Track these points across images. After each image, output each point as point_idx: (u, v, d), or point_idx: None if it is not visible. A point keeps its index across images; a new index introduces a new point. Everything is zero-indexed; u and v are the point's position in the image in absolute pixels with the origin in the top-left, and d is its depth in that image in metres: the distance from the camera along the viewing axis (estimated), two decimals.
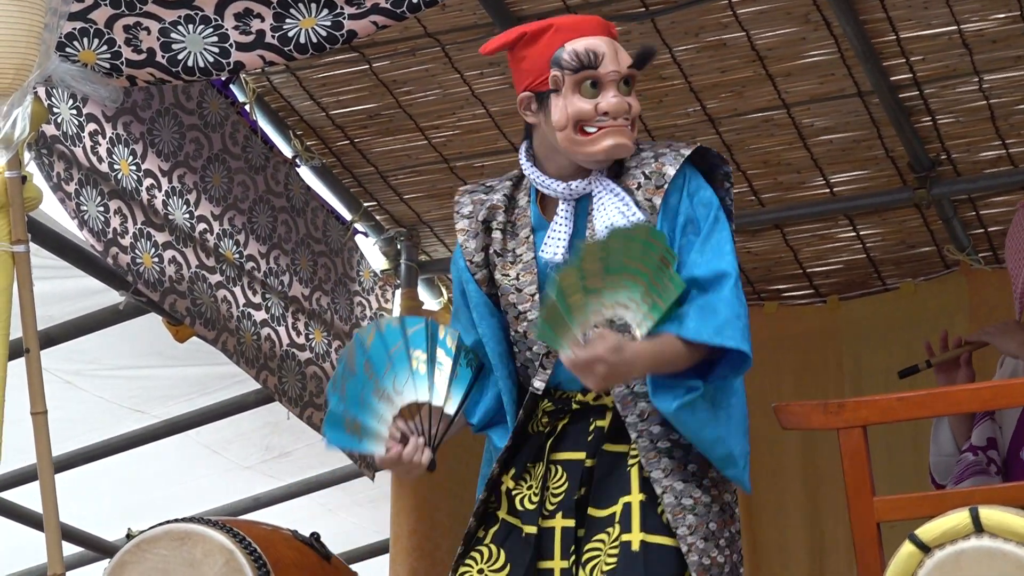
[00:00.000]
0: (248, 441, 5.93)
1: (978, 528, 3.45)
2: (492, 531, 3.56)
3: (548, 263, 3.47)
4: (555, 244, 3.47)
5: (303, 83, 5.72)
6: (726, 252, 3.43)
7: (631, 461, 3.47)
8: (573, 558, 3.45)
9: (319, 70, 5.66)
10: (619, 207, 3.46)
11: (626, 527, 3.42)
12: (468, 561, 3.54)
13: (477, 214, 3.61)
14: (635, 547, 3.39)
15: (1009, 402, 4.30)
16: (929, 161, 5.93)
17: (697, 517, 3.45)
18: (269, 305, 5.45)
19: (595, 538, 3.44)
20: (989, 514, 3.44)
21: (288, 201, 5.45)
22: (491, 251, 3.58)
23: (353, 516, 7.05)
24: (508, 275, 3.56)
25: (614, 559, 3.39)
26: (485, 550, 3.54)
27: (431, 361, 3.50)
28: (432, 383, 3.49)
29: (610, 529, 3.44)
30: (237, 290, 5.16)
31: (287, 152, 5.76)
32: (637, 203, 3.45)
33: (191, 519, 4.04)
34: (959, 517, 3.45)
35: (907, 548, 3.48)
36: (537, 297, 3.49)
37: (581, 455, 3.51)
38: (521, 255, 3.55)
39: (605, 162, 3.48)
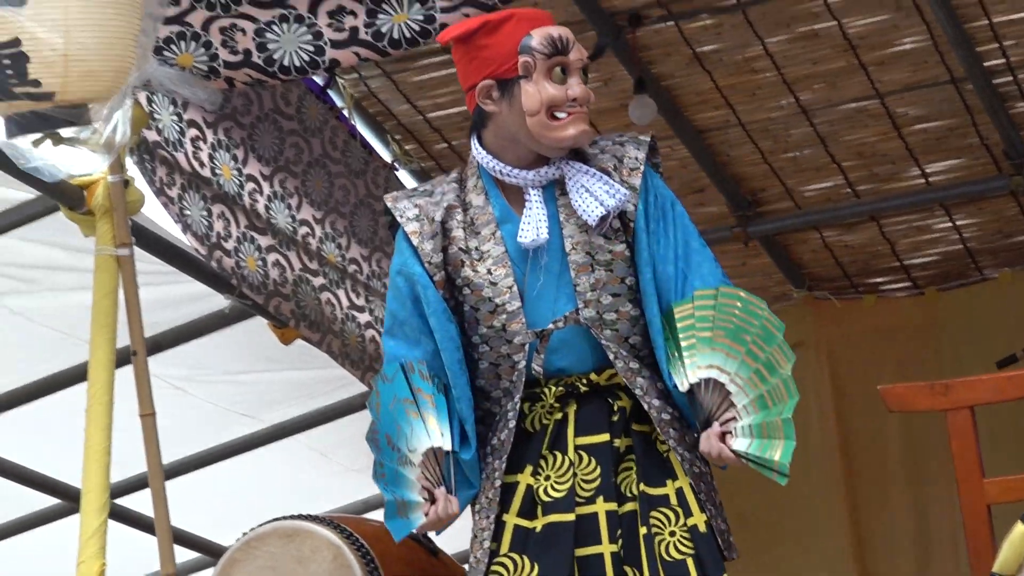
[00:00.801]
0: (356, 444, 5.83)
1: None
2: (506, 540, 3.45)
3: (528, 247, 3.39)
4: (534, 228, 3.39)
5: (400, 87, 5.72)
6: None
7: (662, 447, 3.43)
8: (621, 541, 3.38)
9: (415, 73, 5.65)
10: (602, 185, 3.39)
11: (687, 511, 3.39)
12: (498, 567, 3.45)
13: (430, 215, 3.52)
14: (703, 529, 3.37)
15: None
16: (1021, 149, 5.82)
17: (712, 490, 3.44)
18: (372, 307, 5.40)
19: (653, 516, 3.37)
20: None
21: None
22: (451, 251, 3.50)
23: (464, 519, 6.97)
24: (478, 271, 3.48)
25: (690, 543, 3.36)
26: (508, 562, 3.44)
27: (416, 403, 3.42)
28: (426, 425, 3.41)
29: (667, 510, 3.39)
30: (340, 293, 5.15)
31: (386, 156, 5.73)
32: (618, 184, 3.38)
33: (299, 516, 4.00)
34: None
35: (1020, 529, 3.38)
36: (515, 288, 3.43)
37: (606, 437, 3.43)
38: (488, 250, 3.47)
39: (567, 149, 3.40)
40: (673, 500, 3.39)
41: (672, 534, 3.37)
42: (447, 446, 3.39)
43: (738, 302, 3.37)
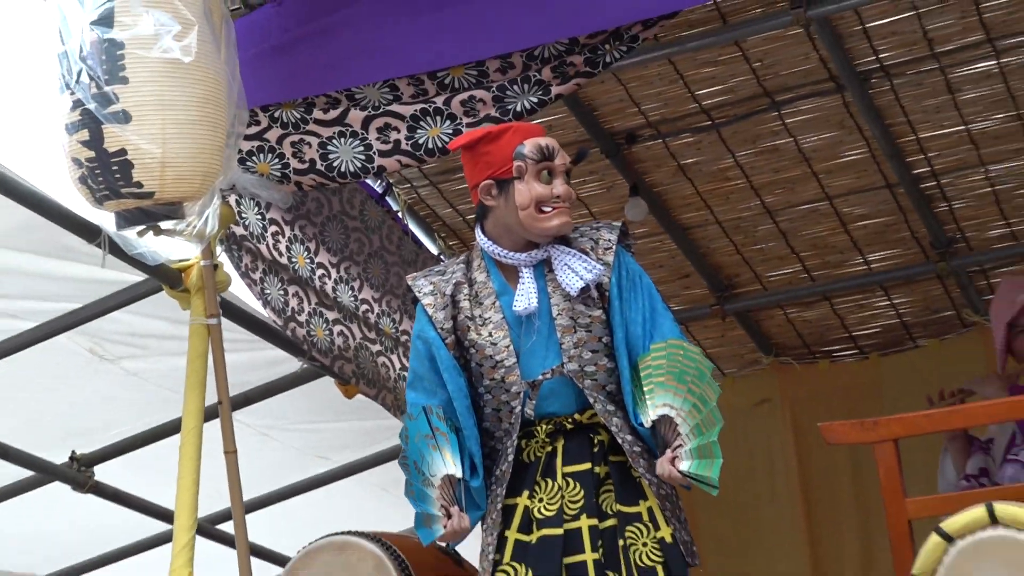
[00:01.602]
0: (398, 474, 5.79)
1: (993, 520, 3.33)
2: (507, 552, 3.46)
3: (522, 314, 3.45)
4: (526, 298, 3.44)
5: (444, 194, 5.68)
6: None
7: (634, 473, 3.46)
8: (601, 551, 3.39)
9: (456, 183, 5.57)
10: (581, 263, 3.46)
11: (656, 525, 3.43)
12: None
13: (442, 290, 3.58)
14: (669, 540, 3.42)
15: (1015, 415, 4.19)
16: (947, 240, 5.74)
17: (677, 508, 3.50)
18: None
19: (628, 529, 3.40)
20: (1003, 508, 3.33)
21: None
22: (459, 319, 3.54)
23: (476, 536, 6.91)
24: (481, 334, 3.52)
25: (659, 551, 3.40)
26: (509, 569, 3.45)
27: (435, 439, 3.45)
28: (443, 457, 3.45)
29: (640, 525, 3.43)
30: (394, 357, 5.07)
31: (433, 249, 5.67)
32: (595, 262, 3.47)
33: (349, 532, 3.99)
34: (978, 511, 3.34)
35: (934, 539, 3.38)
36: (511, 347, 3.49)
37: (588, 466, 3.46)
38: (489, 317, 3.52)
39: (553, 236, 3.48)
40: (645, 517, 3.43)
41: (644, 544, 3.42)
42: (458, 474, 3.42)
43: (681, 350, 3.45)
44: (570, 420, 3.50)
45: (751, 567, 5.71)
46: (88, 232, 4.00)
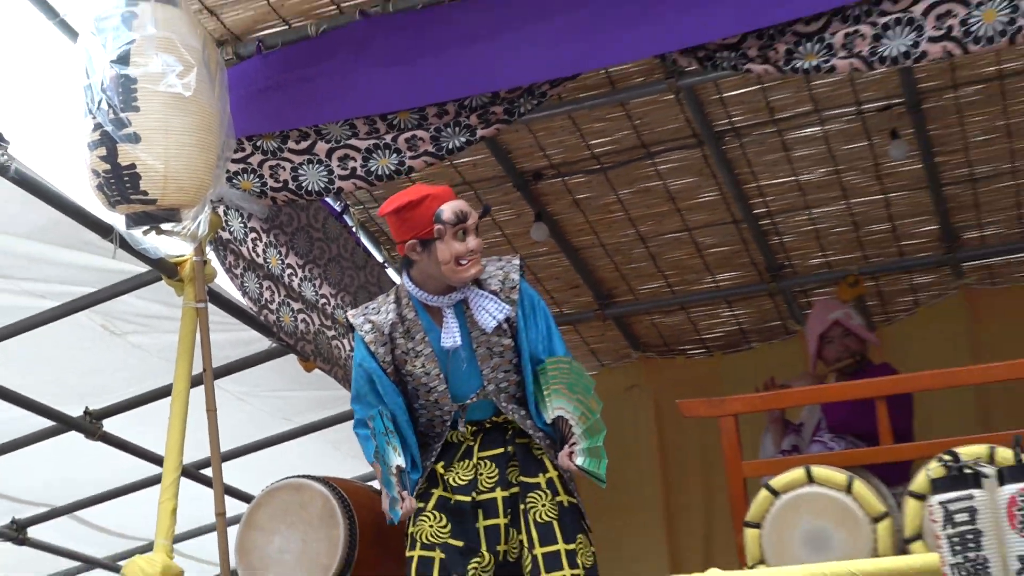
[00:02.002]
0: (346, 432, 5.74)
1: (810, 480, 3.38)
2: (431, 503, 3.50)
3: (449, 348, 3.48)
4: (451, 335, 3.47)
5: None
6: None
7: (536, 452, 3.50)
8: (511, 515, 3.45)
9: None
10: (494, 303, 3.49)
11: (555, 492, 3.44)
12: (419, 522, 3.48)
13: (381, 329, 3.58)
14: (566, 504, 3.43)
15: (824, 398, 4.31)
16: (777, 266, 5.78)
17: (572, 480, 3.51)
18: None
19: (529, 495, 3.43)
20: (817, 470, 3.38)
21: (380, 288, 5.24)
22: (396, 353, 3.55)
23: None
24: (416, 365, 3.55)
25: (555, 510, 3.41)
26: (430, 515, 3.47)
27: (387, 436, 3.48)
28: (394, 452, 3.47)
29: (541, 492, 3.44)
30: (345, 341, 4.97)
31: (379, 257, 5.58)
32: (503, 300, 3.51)
33: (303, 476, 3.92)
34: (798, 472, 3.40)
35: (763, 493, 3.43)
36: (441, 376, 3.53)
37: (501, 450, 3.51)
38: (421, 350, 3.54)
39: (469, 282, 3.47)
40: (544, 486, 3.46)
41: (543, 506, 3.41)
42: (403, 465, 3.46)
43: (569, 366, 3.52)
44: (488, 422, 3.55)
45: (619, 522, 5.68)
46: (103, 229, 3.95)
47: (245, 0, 4.16)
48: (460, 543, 3.44)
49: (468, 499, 3.49)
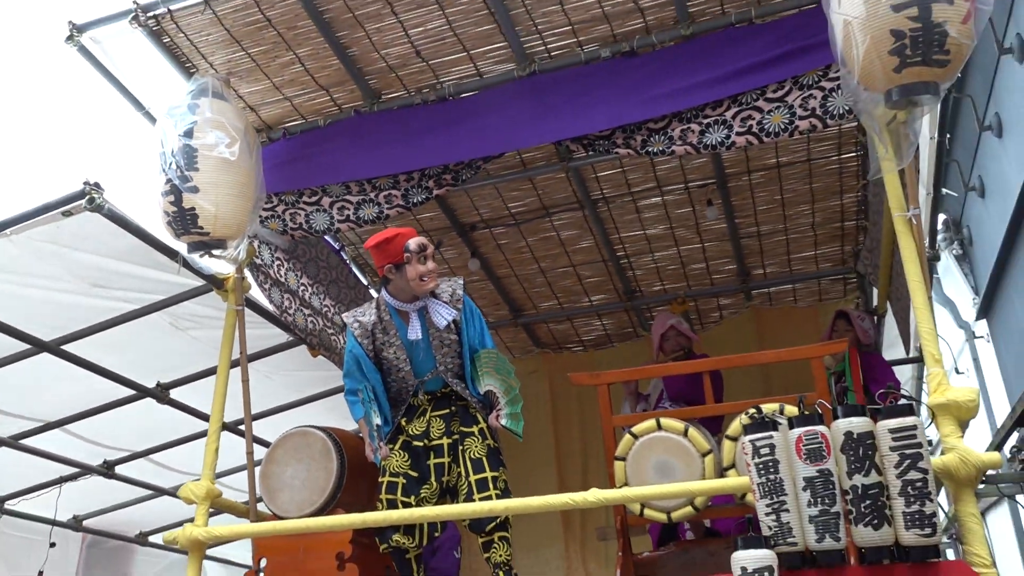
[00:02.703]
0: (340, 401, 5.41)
1: (659, 427, 3.26)
2: (397, 446, 3.37)
3: (413, 340, 3.37)
4: (415, 331, 3.36)
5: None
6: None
7: (472, 411, 3.37)
8: (452, 456, 3.35)
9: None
10: (445, 308, 3.37)
11: (484, 438, 3.32)
12: (388, 458, 3.35)
13: (366, 328, 3.43)
14: (492, 446, 3.32)
15: (666, 373, 4.12)
16: (631, 291, 5.59)
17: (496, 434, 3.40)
18: None
19: (466, 439, 3.33)
20: (664, 420, 3.30)
21: (363, 301, 4.99)
22: (376, 344, 3.42)
23: None
24: (390, 352, 3.41)
25: (484, 450, 3.29)
26: (396, 453, 3.35)
27: (371, 403, 3.36)
28: (375, 414, 3.34)
29: (474, 438, 3.32)
30: (340, 337, 4.74)
31: (364, 281, 5.26)
32: (451, 308, 3.39)
33: (310, 426, 3.75)
34: (651, 422, 3.31)
35: (627, 437, 3.35)
36: (407, 359, 3.39)
37: (447, 410, 3.41)
38: (393, 341, 3.39)
39: (428, 293, 3.35)
40: (476, 434, 3.28)
41: (476, 447, 3.24)
42: (380, 424, 3.33)
43: (495, 355, 3.39)
44: (439, 392, 3.40)
45: (523, 464, 5.34)
46: (171, 253, 3.67)
47: (275, 102, 4.03)
48: (416, 473, 3.30)
49: (422, 444, 3.35)
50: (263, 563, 3.43)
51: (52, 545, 5.74)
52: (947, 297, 6.59)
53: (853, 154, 4.38)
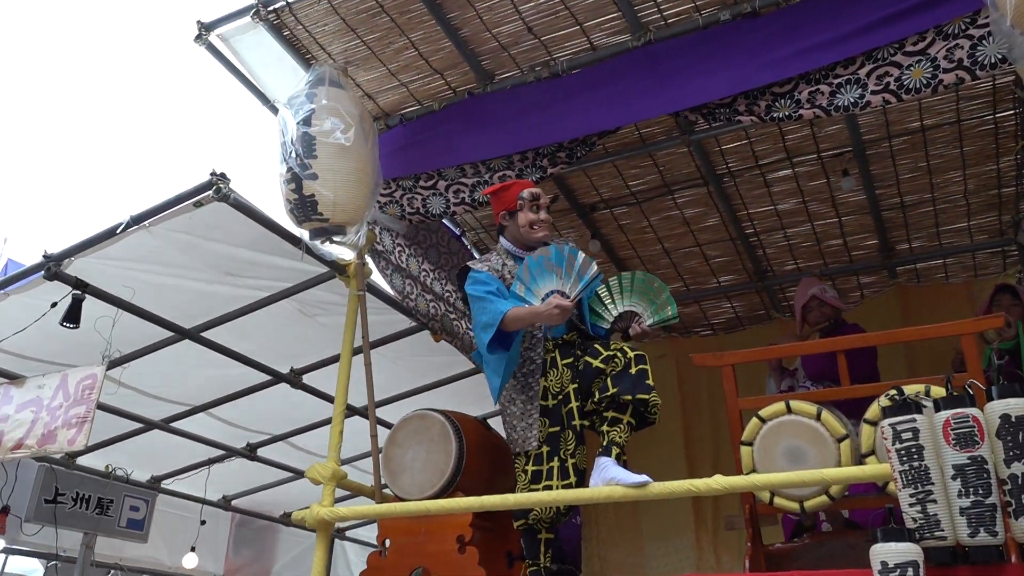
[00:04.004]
0: (470, 388, 5.38)
1: (789, 410, 3.01)
2: (538, 414, 3.16)
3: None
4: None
5: (490, 236, 5.24)
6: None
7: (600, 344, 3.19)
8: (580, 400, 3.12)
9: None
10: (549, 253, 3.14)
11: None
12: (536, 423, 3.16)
13: (495, 267, 3.27)
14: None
15: (797, 352, 3.88)
16: (762, 271, 5.33)
17: None
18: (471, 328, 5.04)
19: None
20: (794, 403, 3.03)
21: None
22: (504, 278, 3.23)
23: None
24: (512, 286, 3.18)
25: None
26: (540, 422, 3.14)
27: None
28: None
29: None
30: (463, 322, 4.72)
31: None
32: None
33: (428, 409, 3.70)
34: (780, 405, 3.06)
35: (754, 420, 3.08)
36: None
37: (573, 357, 3.18)
38: (512, 278, 3.22)
39: (540, 242, 3.25)
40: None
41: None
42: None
43: (630, 275, 3.24)
44: (562, 339, 3.23)
45: (651, 452, 5.24)
46: (295, 240, 3.74)
47: (392, 88, 4.03)
48: (556, 428, 3.14)
49: (559, 400, 3.17)
50: (387, 543, 3.46)
51: (203, 523, 6.08)
52: None
53: (1010, 111, 3.95)
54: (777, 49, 3.20)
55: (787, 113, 3.20)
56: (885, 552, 2.19)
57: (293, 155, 3.43)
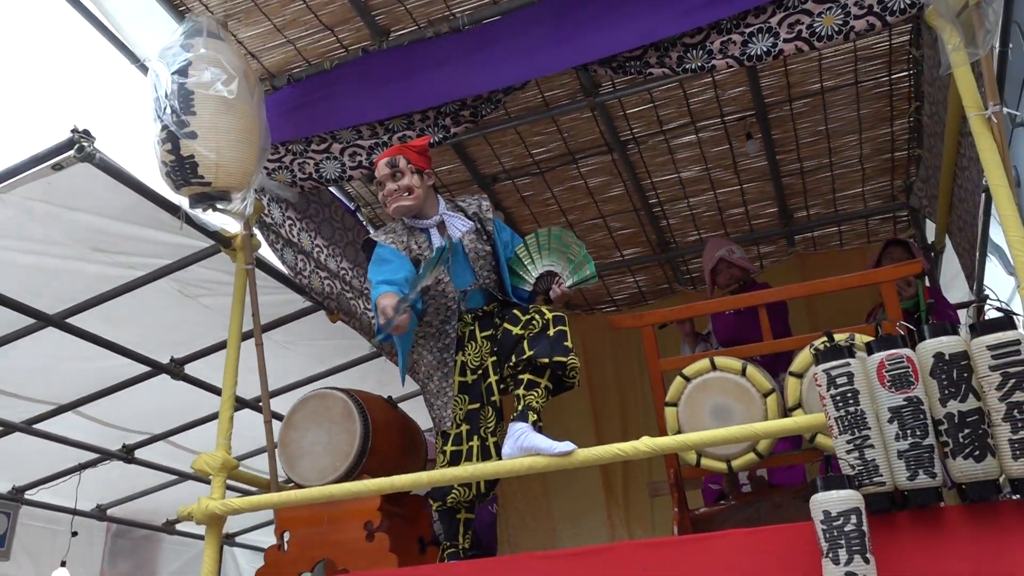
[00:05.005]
0: (372, 373, 5.11)
1: (713, 367, 2.92)
2: (455, 389, 2.95)
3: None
4: (439, 243, 3.02)
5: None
6: None
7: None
8: (499, 373, 2.94)
9: None
10: (460, 221, 3.11)
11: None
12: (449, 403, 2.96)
13: (400, 236, 3.07)
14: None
15: (715, 308, 3.59)
16: (665, 242, 5.27)
17: None
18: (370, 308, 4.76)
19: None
20: (720, 360, 2.96)
21: None
22: (412, 255, 3.01)
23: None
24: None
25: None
26: (459, 399, 2.94)
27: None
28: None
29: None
30: (360, 302, 4.46)
31: None
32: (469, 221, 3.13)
33: (329, 388, 3.43)
34: (705, 362, 2.96)
35: (678, 380, 2.99)
36: (445, 272, 2.96)
37: (491, 332, 2.97)
38: (426, 254, 3.00)
39: (403, 213, 3.10)
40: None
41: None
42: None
43: (545, 233, 3.07)
44: (481, 311, 3.01)
45: (560, 423, 5.08)
46: (172, 208, 3.36)
47: (277, 46, 3.75)
48: (476, 405, 2.94)
49: (477, 375, 2.96)
50: (287, 537, 3.17)
51: (74, 534, 5.54)
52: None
53: (905, 72, 4.02)
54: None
55: (699, 64, 3.12)
56: (827, 500, 2.10)
57: (168, 111, 3.10)
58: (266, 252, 3.91)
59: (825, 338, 2.37)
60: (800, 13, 2.99)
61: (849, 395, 2.21)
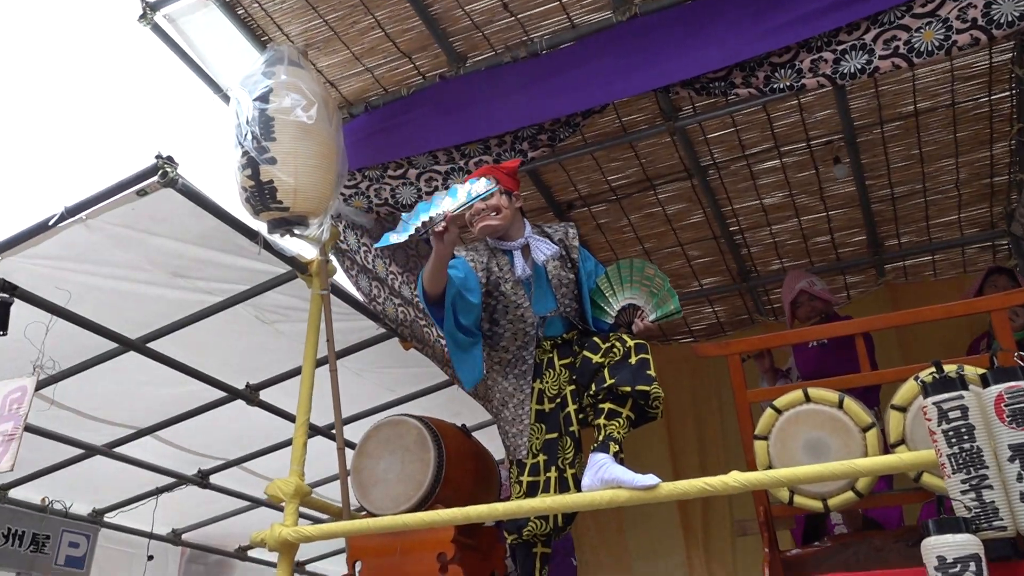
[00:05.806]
0: (444, 403, 5.05)
1: (807, 399, 2.73)
2: (531, 417, 2.87)
3: (521, 278, 2.97)
4: (521, 268, 2.97)
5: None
6: None
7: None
8: (578, 402, 2.86)
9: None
10: (545, 245, 3.03)
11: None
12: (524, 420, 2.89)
13: (481, 257, 3.04)
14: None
15: (805, 337, 3.43)
16: (746, 271, 5.10)
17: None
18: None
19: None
20: (812, 391, 2.74)
21: None
22: (492, 277, 2.98)
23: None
24: (506, 288, 2.96)
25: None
26: (536, 428, 2.86)
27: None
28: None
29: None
30: (434, 329, 4.40)
31: None
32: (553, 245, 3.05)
33: (402, 415, 3.33)
34: (798, 393, 2.76)
35: (769, 412, 2.78)
36: (525, 297, 2.93)
37: (570, 360, 2.90)
38: (508, 277, 2.98)
39: (495, 234, 3.06)
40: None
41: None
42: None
43: (627, 264, 2.98)
44: (560, 339, 2.93)
45: (637, 459, 4.95)
46: (251, 235, 3.37)
47: (356, 74, 3.78)
48: (553, 435, 2.86)
49: (555, 404, 2.89)
50: (358, 567, 3.10)
51: (150, 558, 5.61)
52: None
53: (1006, 92, 3.81)
54: (774, 16, 3.00)
55: (788, 83, 3.00)
56: (941, 545, 1.92)
57: (249, 137, 3.13)
58: (341, 278, 3.91)
59: (933, 368, 2.20)
60: (897, 29, 2.85)
61: (963, 430, 2.04)
